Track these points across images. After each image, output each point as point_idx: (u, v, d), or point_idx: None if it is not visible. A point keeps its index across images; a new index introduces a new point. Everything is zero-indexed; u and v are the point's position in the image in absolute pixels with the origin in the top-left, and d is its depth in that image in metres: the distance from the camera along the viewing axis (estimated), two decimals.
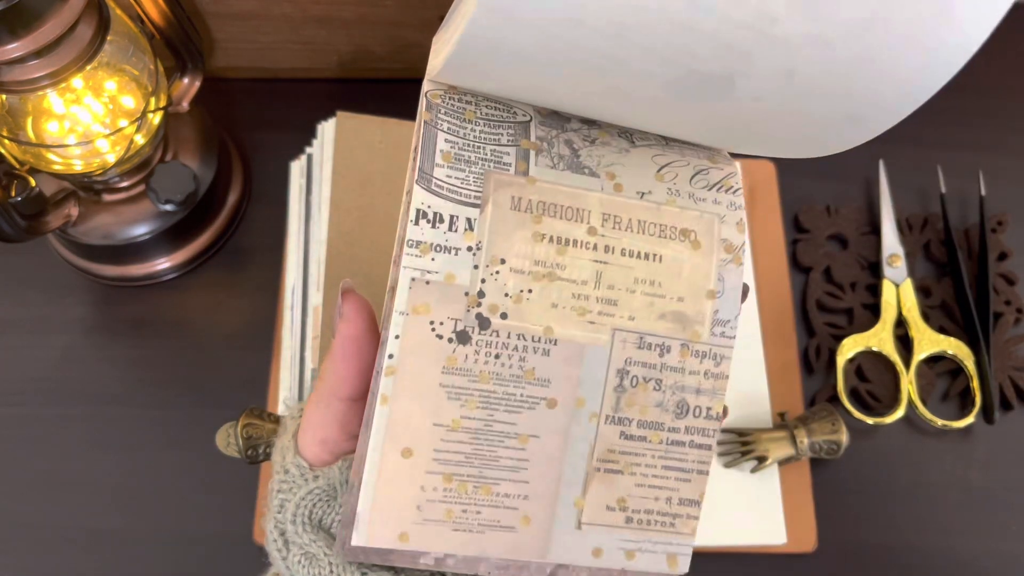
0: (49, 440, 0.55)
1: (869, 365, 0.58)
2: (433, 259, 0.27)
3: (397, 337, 0.27)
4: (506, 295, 0.27)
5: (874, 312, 0.59)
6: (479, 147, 0.28)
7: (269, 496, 0.30)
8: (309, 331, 0.54)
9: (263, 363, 0.56)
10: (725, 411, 0.29)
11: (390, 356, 0.27)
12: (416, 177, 0.27)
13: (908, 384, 0.56)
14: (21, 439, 0.55)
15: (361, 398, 0.28)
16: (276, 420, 0.48)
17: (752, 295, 0.59)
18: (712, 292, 0.29)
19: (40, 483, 0.54)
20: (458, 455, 0.27)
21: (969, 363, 0.57)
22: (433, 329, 0.27)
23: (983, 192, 0.62)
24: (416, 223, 0.27)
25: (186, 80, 0.57)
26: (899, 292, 0.59)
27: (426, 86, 0.28)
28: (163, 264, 0.59)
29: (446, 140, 0.27)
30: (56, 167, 0.52)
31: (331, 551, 0.28)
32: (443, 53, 0.25)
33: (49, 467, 0.55)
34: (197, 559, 0.53)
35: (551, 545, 0.28)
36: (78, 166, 0.53)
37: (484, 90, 0.28)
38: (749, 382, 0.56)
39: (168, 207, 0.56)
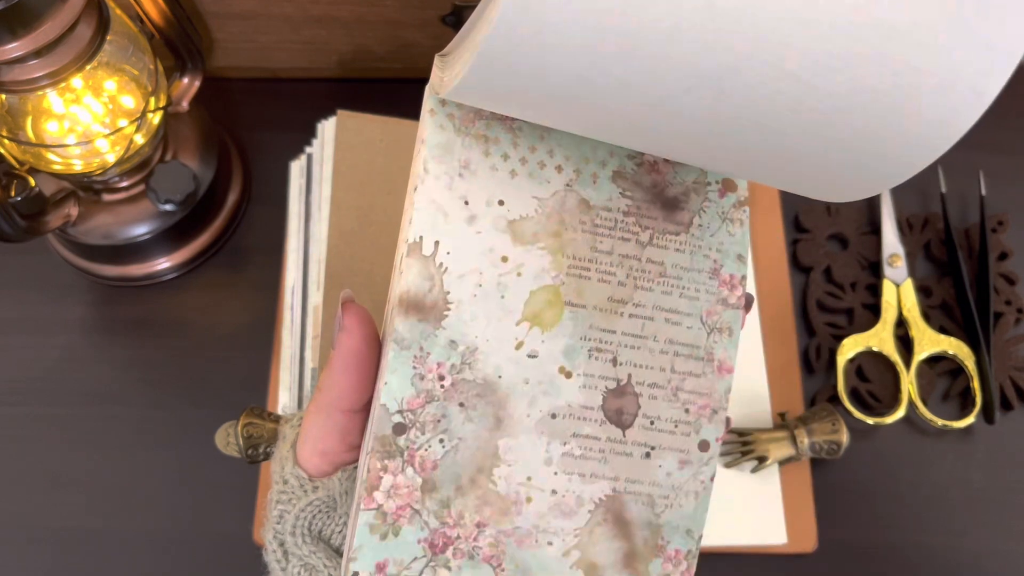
0: (48, 440, 0.55)
1: (869, 365, 0.58)
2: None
3: None
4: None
5: (874, 312, 0.59)
6: None
7: (268, 506, 0.29)
8: (309, 331, 0.54)
9: (263, 363, 0.56)
10: (728, 421, 0.29)
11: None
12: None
13: (908, 384, 0.56)
14: (21, 439, 0.55)
15: (362, 409, 0.28)
16: (276, 419, 0.48)
17: (753, 295, 0.59)
18: None
19: (40, 483, 0.54)
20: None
21: (969, 363, 0.57)
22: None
23: (983, 192, 0.62)
24: None
25: (186, 80, 0.56)
26: (899, 292, 0.59)
27: (429, 92, 0.28)
28: (163, 264, 0.59)
29: None
30: (56, 167, 0.52)
31: (331, 562, 0.28)
32: (456, 71, 0.23)
33: (48, 467, 0.55)
34: (197, 559, 0.53)
35: None
36: (78, 166, 0.53)
37: (503, 113, 0.25)
38: (749, 382, 0.56)
39: (168, 207, 0.56)
